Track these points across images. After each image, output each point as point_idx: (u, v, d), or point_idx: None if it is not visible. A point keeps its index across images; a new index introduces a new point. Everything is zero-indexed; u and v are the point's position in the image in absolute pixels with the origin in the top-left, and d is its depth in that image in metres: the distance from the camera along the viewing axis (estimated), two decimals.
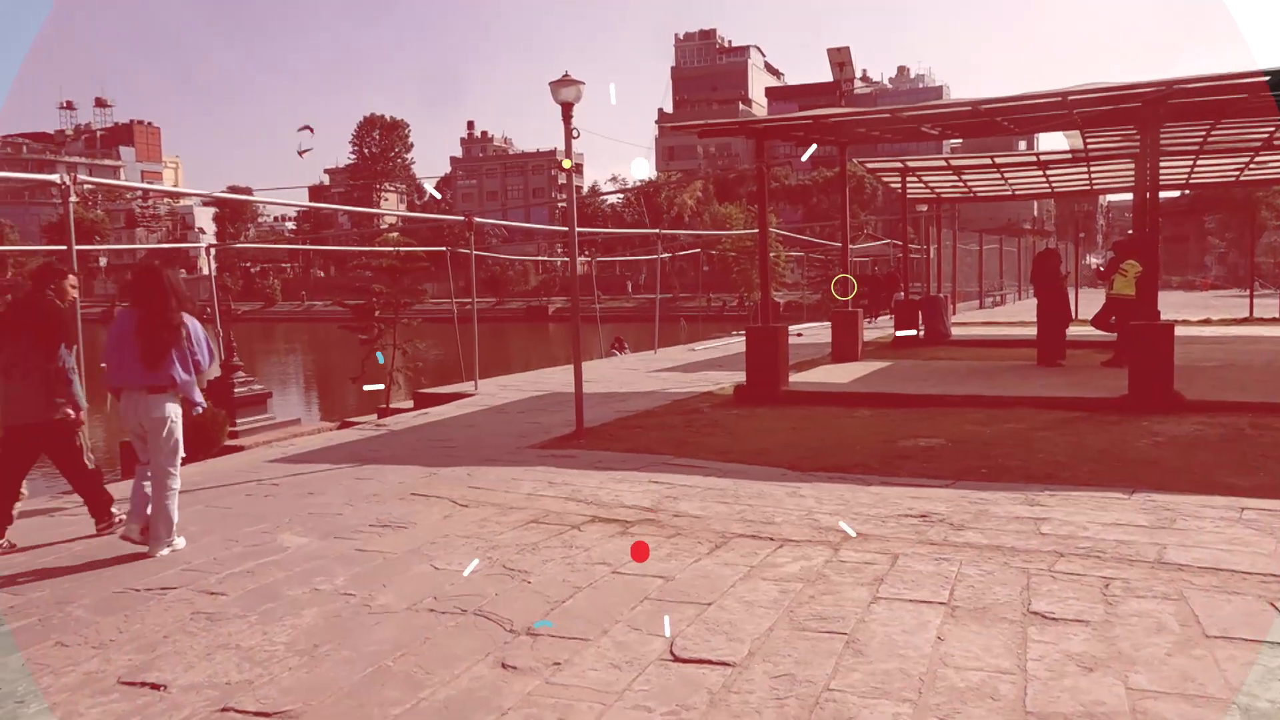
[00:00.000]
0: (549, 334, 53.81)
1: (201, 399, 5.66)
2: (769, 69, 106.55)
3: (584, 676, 3.58)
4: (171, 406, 5.50)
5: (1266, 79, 9.11)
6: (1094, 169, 18.50)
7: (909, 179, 19.34)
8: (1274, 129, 14.10)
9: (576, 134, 9.05)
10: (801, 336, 20.71)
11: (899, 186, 19.79)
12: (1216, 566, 4.60)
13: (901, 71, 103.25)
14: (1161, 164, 13.36)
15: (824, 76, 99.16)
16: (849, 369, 13.71)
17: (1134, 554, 4.84)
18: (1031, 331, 14.48)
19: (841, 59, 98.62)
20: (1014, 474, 6.81)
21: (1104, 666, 3.52)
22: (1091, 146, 15.54)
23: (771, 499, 6.29)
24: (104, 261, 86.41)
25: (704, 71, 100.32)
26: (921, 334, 18.19)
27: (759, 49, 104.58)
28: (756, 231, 14.55)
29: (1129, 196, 21.16)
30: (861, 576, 4.64)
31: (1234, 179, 20.93)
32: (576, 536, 5.53)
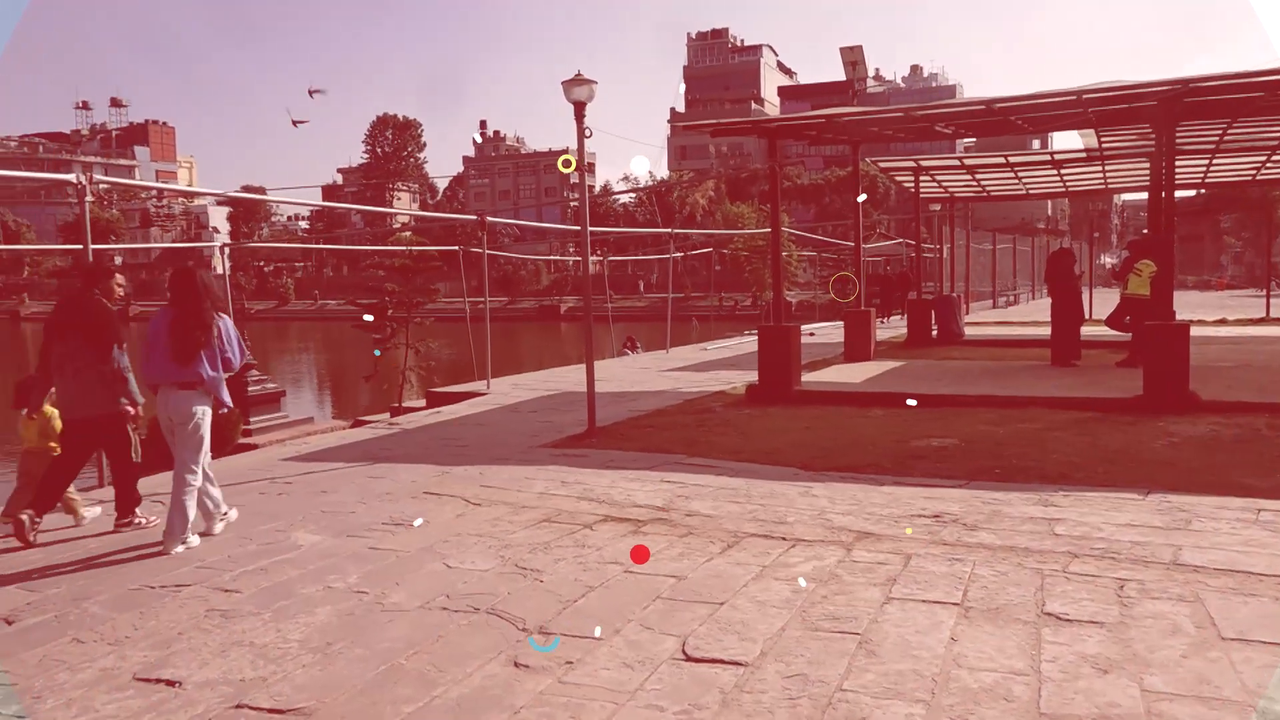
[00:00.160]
0: (561, 333, 53.86)
1: (228, 399, 5.80)
2: (781, 68, 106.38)
3: (596, 675, 3.59)
4: (200, 404, 5.63)
5: None
6: (1109, 168, 18.40)
7: (922, 178, 19.28)
8: None
9: (589, 133, 9.07)
10: (814, 336, 20.67)
11: (912, 186, 19.74)
12: (1233, 568, 4.56)
13: (915, 70, 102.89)
14: (1177, 163, 13.27)
15: (837, 75, 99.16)
16: (862, 368, 13.67)
17: (1149, 555, 4.81)
18: (1045, 331, 14.41)
19: (854, 58, 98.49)
20: (1028, 474, 6.78)
21: (1119, 668, 3.50)
22: (1106, 145, 15.47)
23: (784, 499, 6.28)
24: (119, 261, 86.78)
25: (716, 71, 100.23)
26: (935, 333, 18.14)
27: (771, 48, 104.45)
28: (769, 231, 14.53)
29: (1144, 196, 21.04)
30: (874, 577, 4.63)
31: (1250, 178, 20.79)
32: (589, 536, 5.54)
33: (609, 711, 3.29)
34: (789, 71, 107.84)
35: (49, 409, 6.16)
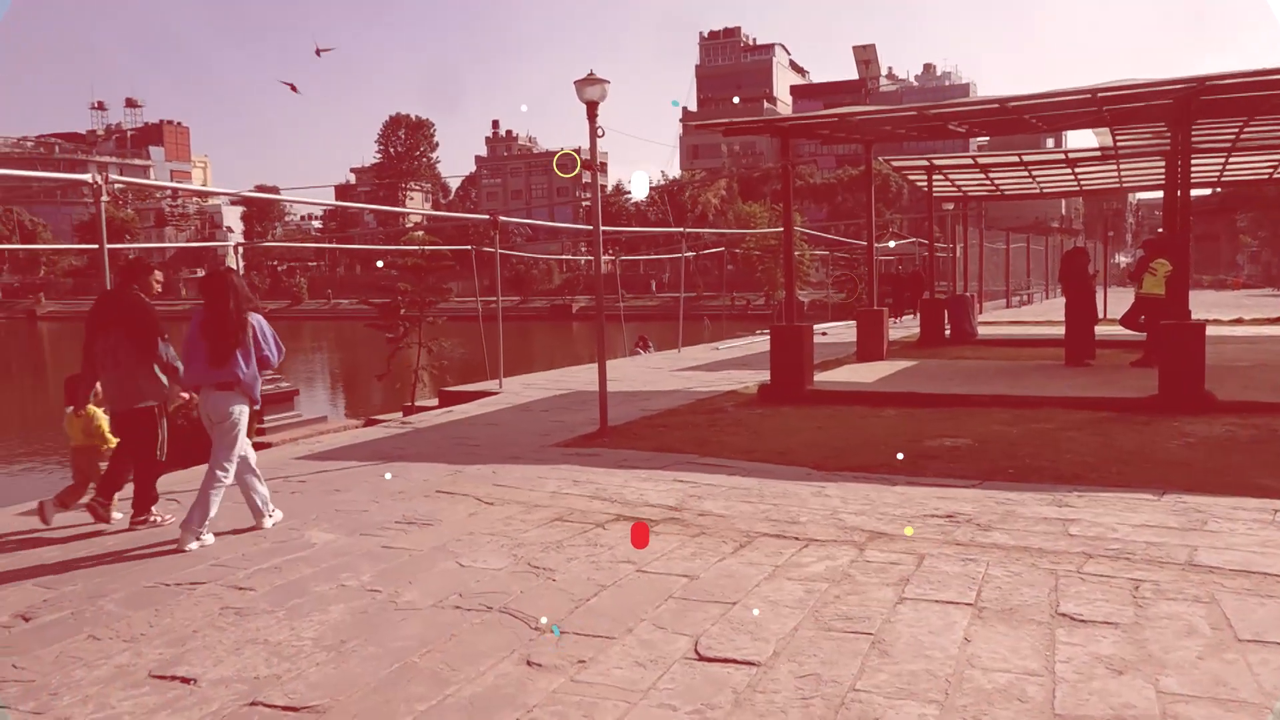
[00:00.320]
0: (573, 332, 53.90)
1: (258, 395, 5.93)
2: (794, 67, 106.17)
3: (609, 675, 3.59)
4: (236, 404, 5.76)
5: None
6: (1123, 167, 18.30)
7: (935, 177, 19.22)
8: None
9: (601, 133, 9.07)
10: (826, 336, 20.63)
11: (925, 185, 19.67)
12: (1249, 569, 4.53)
13: (927, 69, 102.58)
14: (1193, 161, 13.18)
15: (849, 74, 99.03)
16: (874, 368, 13.64)
17: (1164, 556, 4.78)
18: (1059, 331, 14.34)
19: (867, 56, 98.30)
20: (1041, 474, 6.75)
21: (1134, 669, 3.48)
22: (1121, 144, 15.38)
23: (796, 498, 6.27)
24: (130, 259, 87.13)
25: (728, 70, 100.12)
26: (948, 333, 18.07)
27: (783, 47, 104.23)
28: (781, 230, 14.51)
29: (1159, 194, 20.91)
30: (887, 577, 4.62)
31: (1267, 176, 20.62)
32: (601, 535, 5.54)
33: (622, 711, 3.29)
34: (801, 70, 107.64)
35: (92, 408, 6.30)
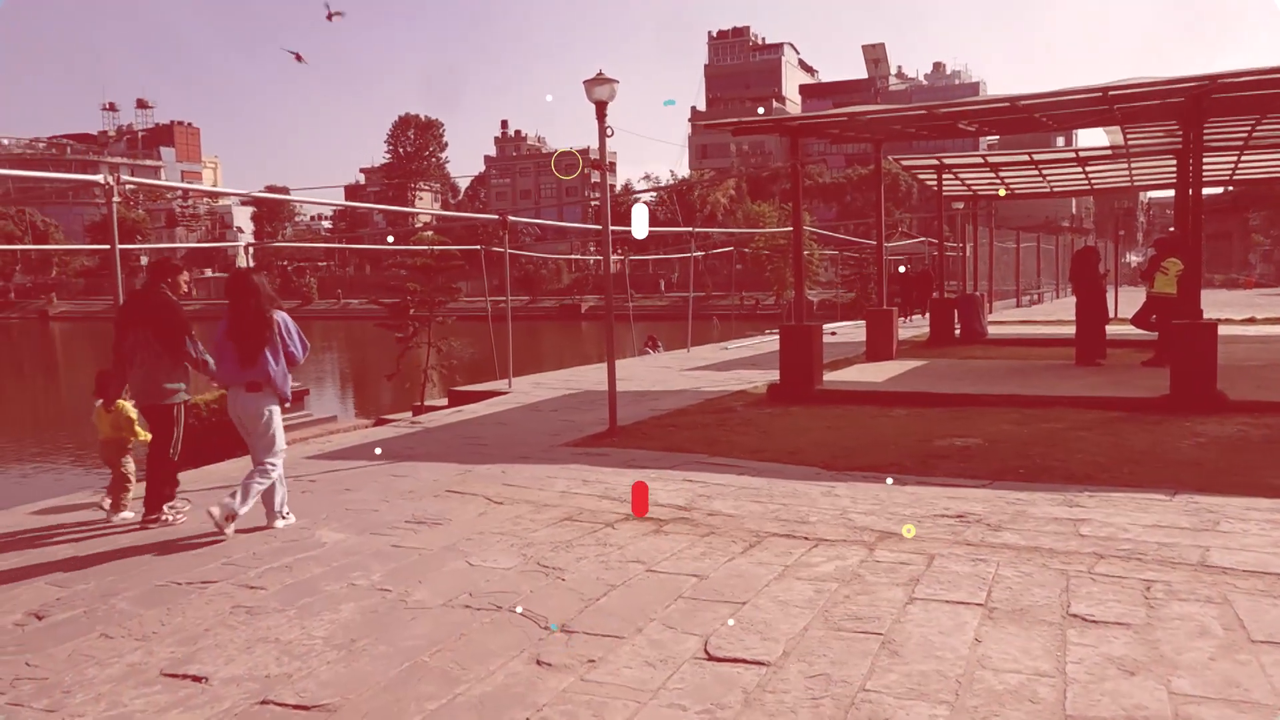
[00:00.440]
0: (582, 332, 53.94)
1: (288, 392, 6.02)
2: (803, 66, 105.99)
3: (619, 674, 3.59)
4: (268, 403, 5.88)
5: None
6: (1134, 165, 18.21)
7: (945, 176, 19.16)
8: None
9: (610, 132, 9.06)
10: (835, 335, 20.60)
11: (935, 184, 19.61)
12: (1262, 570, 4.51)
13: (937, 68, 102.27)
14: (1205, 159, 13.10)
15: (859, 73, 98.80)
16: (884, 368, 13.61)
17: (1176, 556, 4.76)
18: (1069, 330, 14.29)
19: (876, 55, 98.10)
20: (1052, 474, 6.73)
21: (1145, 670, 3.47)
22: (1132, 142, 15.31)
23: (806, 498, 6.26)
24: (145, 260, 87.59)
25: (737, 69, 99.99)
26: (958, 333, 18.03)
27: (793, 46, 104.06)
28: (790, 229, 14.49)
29: (1170, 193, 20.80)
30: (897, 577, 4.61)
31: None
32: (610, 534, 5.54)
33: (631, 710, 3.29)
34: (810, 69, 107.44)
35: (121, 402, 6.39)
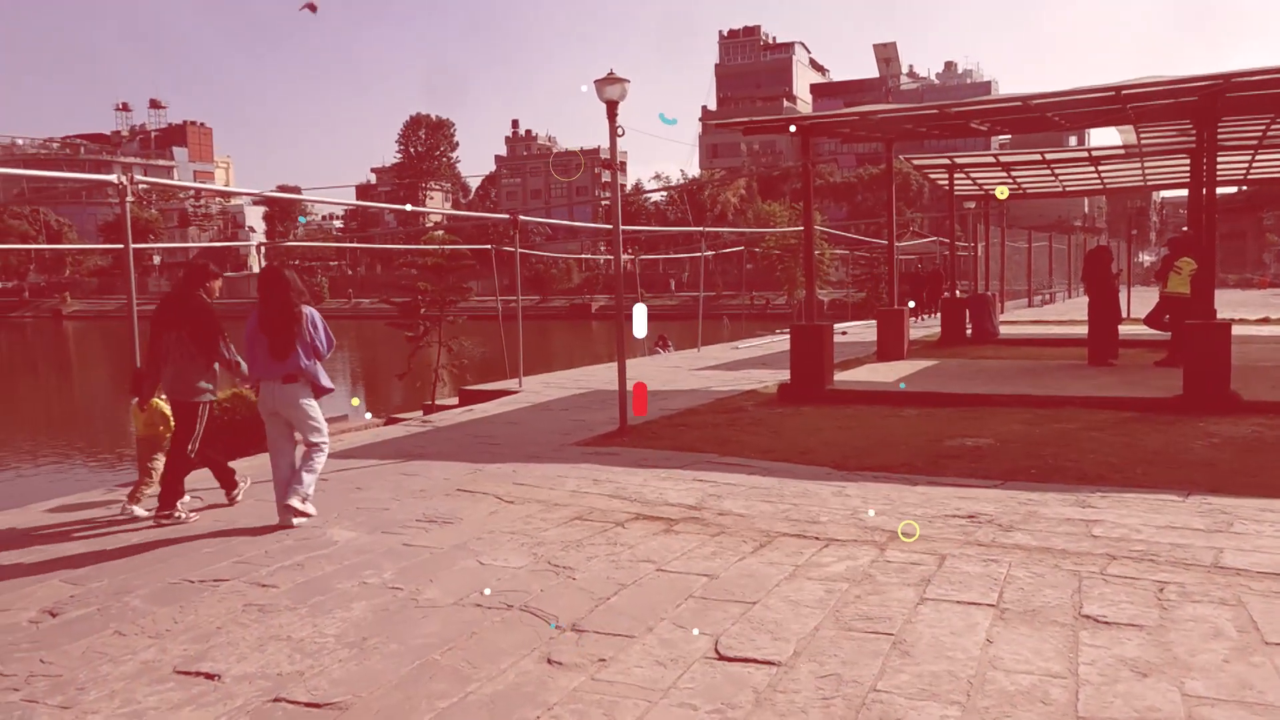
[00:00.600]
0: (592, 332, 53.94)
1: (328, 383, 6.25)
2: (814, 65, 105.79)
3: (629, 673, 3.59)
4: (304, 395, 6.09)
5: None
6: (1148, 164, 18.13)
7: (957, 176, 19.11)
8: None
9: (621, 132, 9.07)
10: (846, 335, 20.56)
11: (946, 183, 19.56)
12: (1276, 571, 4.48)
13: (949, 67, 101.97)
14: (1219, 158, 13.02)
15: (870, 72, 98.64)
16: (895, 368, 13.58)
17: (1190, 558, 4.74)
18: (1082, 330, 14.23)
19: (888, 54, 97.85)
20: (1064, 475, 6.70)
21: (1158, 672, 3.45)
22: (1146, 142, 15.23)
23: (816, 498, 6.25)
24: (158, 260, 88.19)
25: (748, 69, 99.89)
26: (969, 333, 17.97)
27: (803, 45, 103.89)
28: (801, 229, 14.46)
29: (1184, 192, 20.68)
30: (908, 577, 4.59)
31: None
32: (621, 534, 5.55)
33: (642, 710, 3.29)
34: (821, 69, 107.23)
35: (156, 400, 6.58)
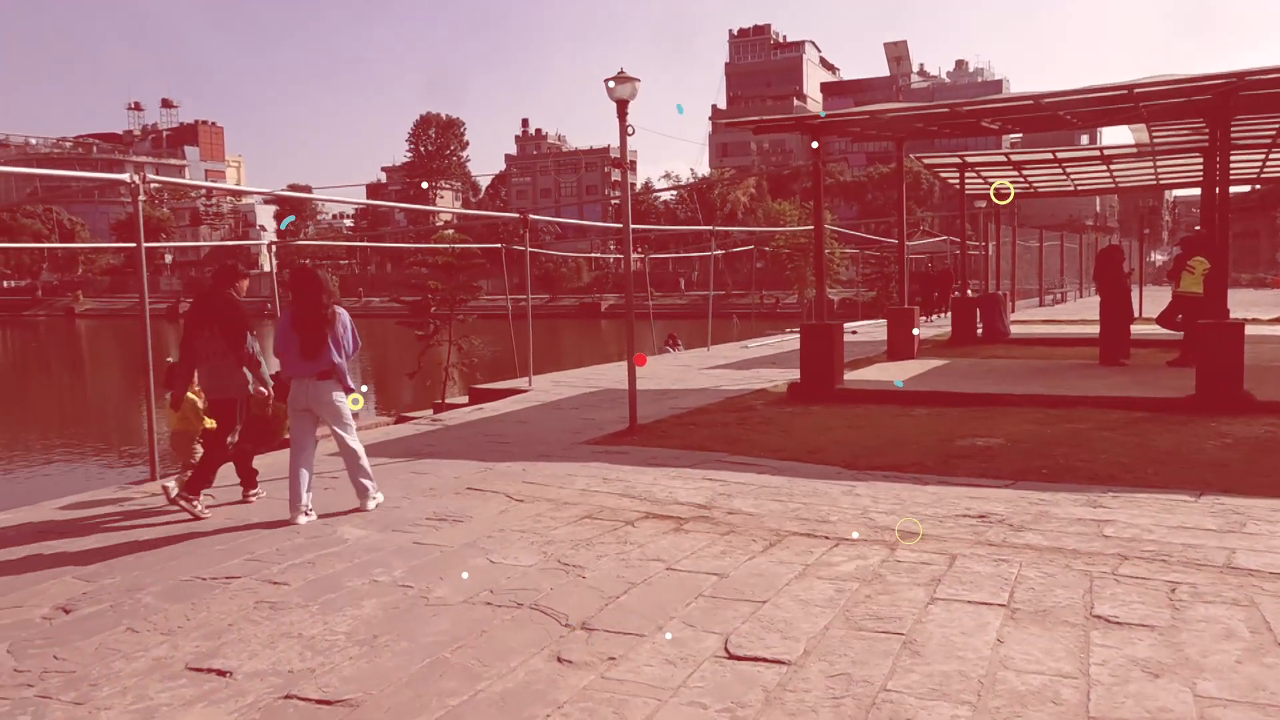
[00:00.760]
0: (601, 331, 53.97)
1: (351, 383, 6.36)
2: (824, 64, 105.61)
3: (639, 672, 3.60)
4: (336, 390, 6.28)
5: None
6: (1160, 163, 18.04)
7: (968, 175, 19.05)
8: None
9: (631, 131, 9.07)
10: (856, 334, 20.52)
11: (957, 182, 19.50)
12: None
13: (959, 65, 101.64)
14: (1232, 157, 12.96)
15: (880, 71, 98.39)
16: (905, 367, 13.55)
17: (1202, 558, 4.72)
18: (1093, 330, 14.17)
19: (898, 53, 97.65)
20: (1076, 475, 6.68)
21: (1170, 673, 3.44)
22: (1158, 140, 15.16)
23: (826, 497, 6.25)
24: (169, 258, 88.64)
25: (758, 67, 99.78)
26: (980, 332, 17.92)
27: (814, 44, 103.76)
28: (811, 228, 14.45)
29: (1197, 191, 20.58)
30: (918, 577, 4.59)
31: None
32: (630, 532, 5.55)
33: (652, 708, 3.30)
34: (831, 67, 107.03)
35: (190, 395, 6.74)
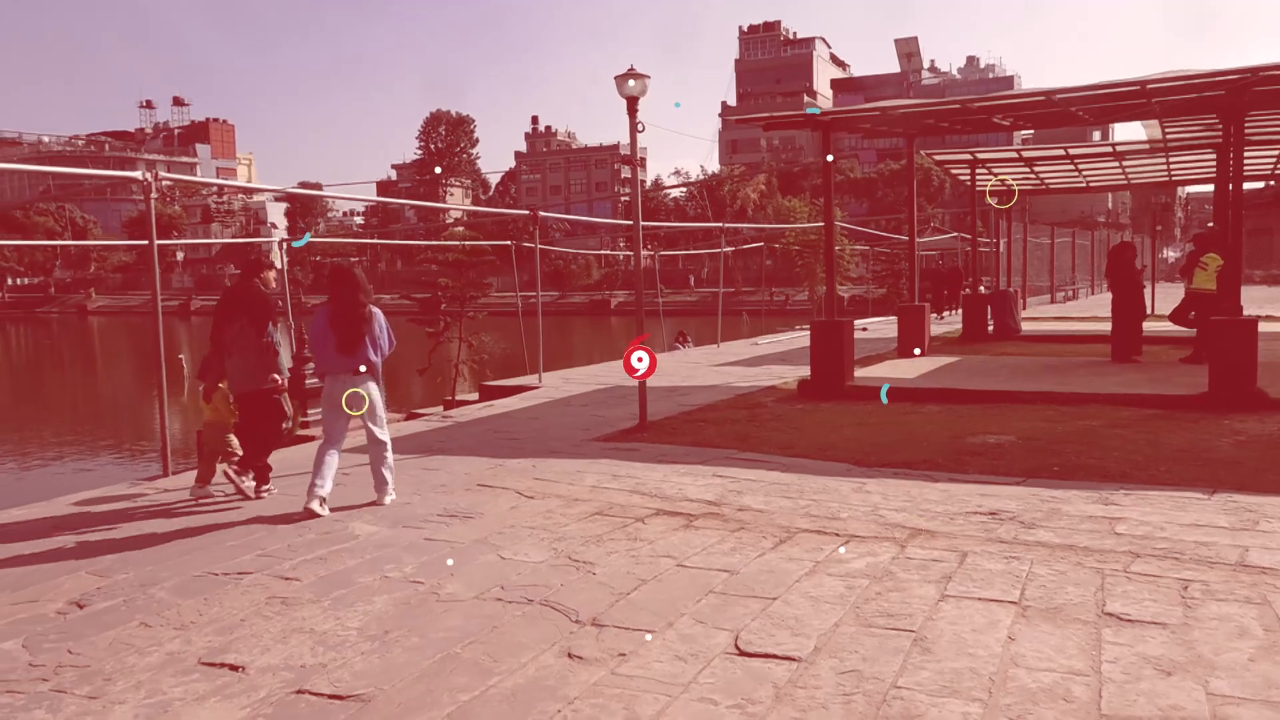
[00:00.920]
0: (611, 327, 53.99)
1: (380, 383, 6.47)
2: (834, 60, 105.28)
3: (649, 668, 3.60)
4: (373, 385, 6.38)
5: None
6: (1173, 159, 17.95)
7: (979, 171, 18.98)
8: None
9: (641, 128, 9.07)
10: (867, 331, 20.49)
11: (968, 179, 19.43)
12: None
13: (971, 61, 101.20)
14: (1245, 153, 12.88)
15: (891, 67, 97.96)
16: (915, 364, 13.52)
17: (1214, 556, 4.70)
18: (1105, 327, 14.12)
19: (909, 49, 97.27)
20: (1087, 472, 6.66)
21: (1183, 670, 3.43)
22: (1170, 136, 15.08)
23: (837, 494, 6.24)
24: (181, 256, 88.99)
25: (768, 64, 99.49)
26: (991, 329, 17.87)
27: (824, 40, 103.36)
28: (821, 225, 14.42)
29: (1210, 188, 20.47)
30: (929, 574, 4.58)
31: None
32: (641, 529, 5.56)
33: (662, 704, 3.30)
34: (842, 64, 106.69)
35: (222, 386, 6.87)
